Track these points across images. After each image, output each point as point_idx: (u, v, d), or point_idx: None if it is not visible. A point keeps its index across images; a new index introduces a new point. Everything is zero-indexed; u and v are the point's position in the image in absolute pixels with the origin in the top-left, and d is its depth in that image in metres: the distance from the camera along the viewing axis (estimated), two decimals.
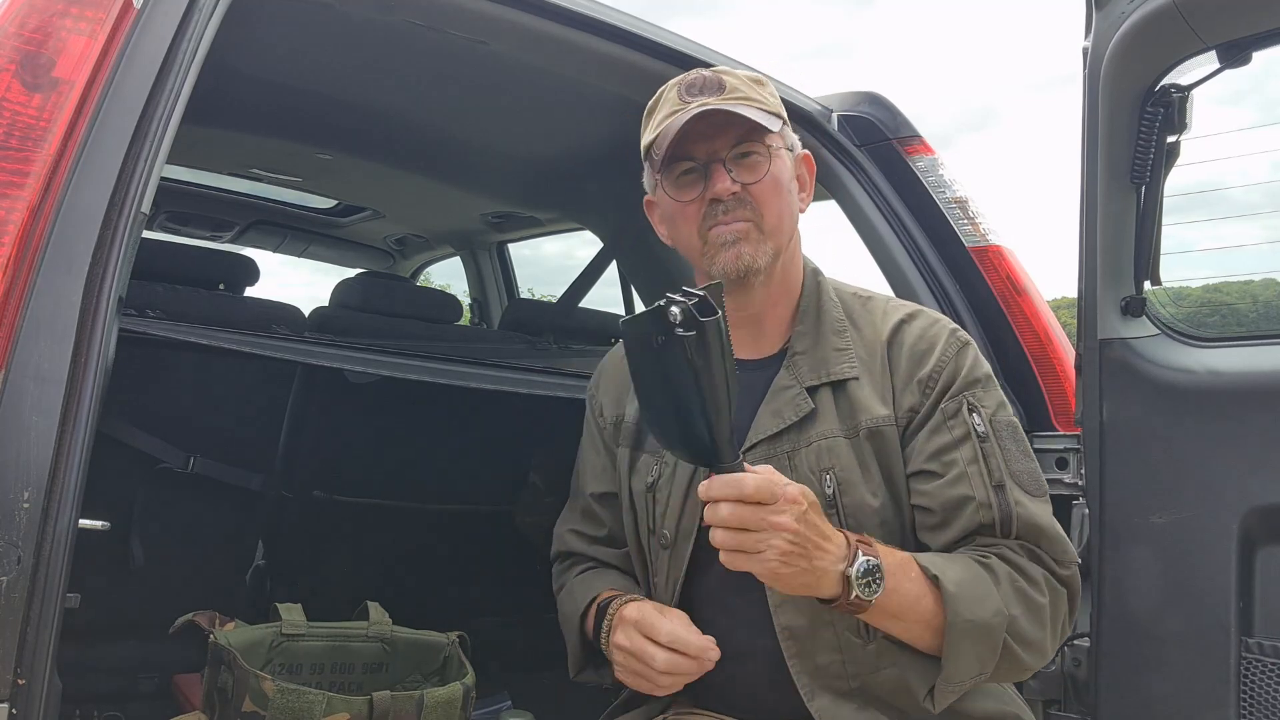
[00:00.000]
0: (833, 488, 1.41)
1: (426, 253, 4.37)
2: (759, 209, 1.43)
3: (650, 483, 1.52)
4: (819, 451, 1.43)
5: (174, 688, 1.97)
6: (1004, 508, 1.38)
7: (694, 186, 1.45)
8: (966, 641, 1.30)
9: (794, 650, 1.40)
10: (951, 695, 1.36)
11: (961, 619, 1.29)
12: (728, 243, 1.43)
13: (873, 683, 1.39)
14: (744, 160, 1.44)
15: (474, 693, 1.79)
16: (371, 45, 2.06)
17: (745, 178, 1.43)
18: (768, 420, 1.46)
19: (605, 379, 1.68)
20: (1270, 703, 1.60)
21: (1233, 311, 2.60)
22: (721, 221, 1.43)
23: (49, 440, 1.13)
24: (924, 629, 1.32)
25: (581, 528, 1.68)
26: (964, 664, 1.32)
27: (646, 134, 1.49)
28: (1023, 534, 1.39)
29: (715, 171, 1.43)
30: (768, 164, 1.44)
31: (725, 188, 1.42)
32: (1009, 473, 1.40)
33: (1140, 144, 1.71)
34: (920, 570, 1.32)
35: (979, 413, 1.43)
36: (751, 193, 1.43)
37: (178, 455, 2.21)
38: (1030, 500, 1.40)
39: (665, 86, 1.50)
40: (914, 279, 2.16)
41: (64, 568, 1.12)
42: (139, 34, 1.30)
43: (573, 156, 2.85)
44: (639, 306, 3.57)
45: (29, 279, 1.16)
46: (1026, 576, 1.37)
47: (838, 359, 1.47)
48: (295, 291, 18.60)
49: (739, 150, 1.44)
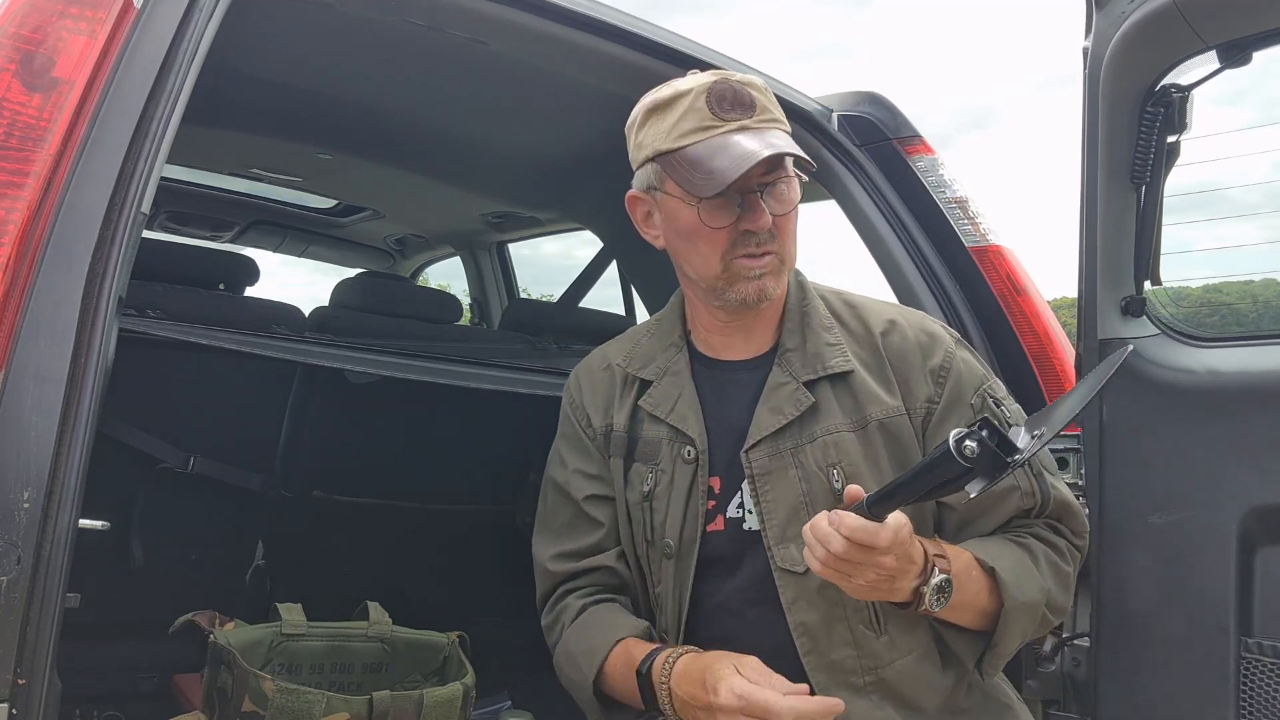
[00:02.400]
0: (841, 482, 1.40)
1: (426, 253, 4.37)
2: (783, 240, 1.43)
3: (646, 492, 1.49)
4: (825, 446, 1.43)
5: (174, 688, 1.97)
6: (1044, 492, 1.47)
7: (726, 211, 1.39)
8: (1017, 621, 1.39)
9: (808, 647, 1.40)
10: (1000, 664, 1.46)
11: (1016, 603, 1.38)
12: (753, 276, 1.41)
13: (887, 676, 1.40)
14: (773, 190, 1.40)
15: (474, 693, 1.79)
16: (371, 45, 2.06)
17: (776, 209, 1.41)
18: (767, 418, 1.45)
19: (587, 389, 1.61)
20: (1270, 703, 1.60)
21: (1233, 311, 2.60)
22: (752, 254, 1.41)
23: (49, 440, 1.13)
24: (976, 616, 1.40)
25: (564, 546, 1.57)
26: (1013, 639, 1.42)
27: (665, 138, 1.41)
28: (1053, 513, 1.49)
29: (755, 205, 1.38)
30: (792, 193, 1.43)
31: (766, 222, 1.39)
32: (1039, 458, 1.45)
33: (1140, 144, 1.71)
34: (979, 566, 1.38)
35: (1002, 404, 1.49)
36: (778, 224, 1.41)
37: (178, 455, 2.21)
38: (1056, 480, 1.50)
39: (679, 87, 1.42)
40: (914, 279, 2.16)
41: (64, 567, 1.12)
42: (139, 34, 1.30)
43: (573, 156, 2.85)
44: (639, 306, 3.57)
45: (29, 279, 1.16)
46: (1057, 550, 1.47)
47: (831, 353, 1.48)
48: (294, 291, 18.59)
49: (770, 178, 1.40)
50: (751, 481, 1.44)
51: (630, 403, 1.55)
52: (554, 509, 1.61)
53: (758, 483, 1.44)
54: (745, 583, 1.45)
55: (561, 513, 1.59)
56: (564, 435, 1.63)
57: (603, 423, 1.57)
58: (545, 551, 1.59)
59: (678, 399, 1.51)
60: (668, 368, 1.54)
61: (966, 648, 1.43)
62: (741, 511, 1.47)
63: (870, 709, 1.38)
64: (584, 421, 1.59)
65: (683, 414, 1.49)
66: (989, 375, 1.53)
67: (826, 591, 1.39)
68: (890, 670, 1.40)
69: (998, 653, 1.42)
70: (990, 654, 1.42)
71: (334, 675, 1.86)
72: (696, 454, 1.47)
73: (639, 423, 1.54)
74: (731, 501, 1.47)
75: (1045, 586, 1.42)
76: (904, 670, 1.41)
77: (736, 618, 1.45)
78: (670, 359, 1.55)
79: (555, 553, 1.57)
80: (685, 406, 1.50)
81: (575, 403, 1.62)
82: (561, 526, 1.59)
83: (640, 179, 1.50)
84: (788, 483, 1.43)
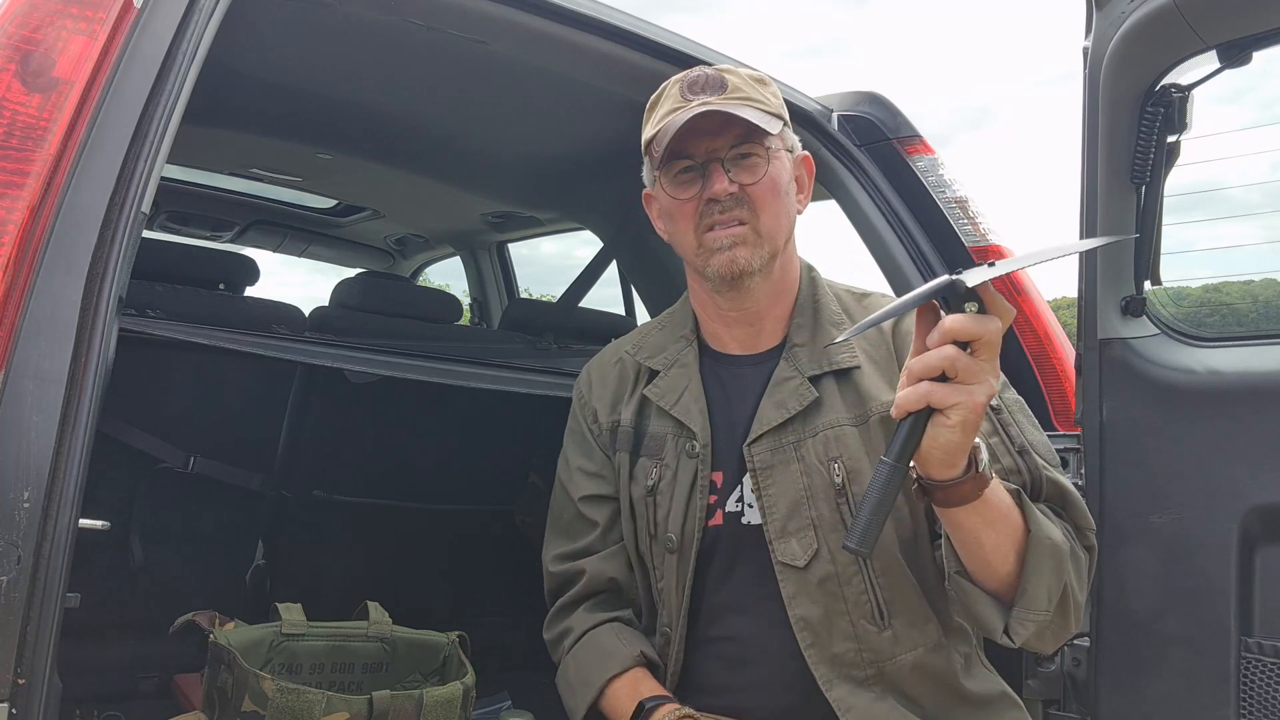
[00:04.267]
0: (841, 476, 1.41)
1: (426, 253, 4.37)
2: (756, 211, 1.44)
3: (650, 486, 1.51)
4: (826, 441, 1.44)
5: (174, 688, 1.97)
6: (1032, 470, 1.40)
7: (692, 185, 1.45)
8: (1046, 560, 1.29)
9: (809, 640, 1.40)
10: (1028, 624, 1.31)
11: (1043, 534, 1.29)
12: (723, 247, 1.43)
13: (890, 670, 1.40)
14: (743, 161, 1.44)
15: (474, 692, 1.79)
16: (371, 45, 2.06)
17: (743, 179, 1.43)
18: (771, 412, 1.46)
19: (597, 383, 1.64)
20: (1270, 703, 1.60)
21: (1233, 311, 2.60)
22: (718, 222, 1.43)
23: (49, 440, 1.13)
24: (1010, 543, 1.29)
25: (563, 547, 1.60)
26: (1042, 584, 1.30)
27: (647, 129, 1.49)
28: (1051, 496, 1.41)
29: (713, 171, 1.43)
30: (766, 166, 1.44)
31: (722, 188, 1.42)
32: (1027, 441, 1.42)
33: (1140, 144, 1.71)
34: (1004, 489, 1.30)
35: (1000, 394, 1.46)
36: (749, 194, 1.43)
37: (178, 455, 2.21)
38: (1052, 470, 1.44)
39: (668, 82, 1.50)
40: (914, 279, 2.16)
41: (64, 567, 1.12)
42: (139, 34, 1.30)
43: (573, 156, 2.85)
44: (639, 306, 3.57)
45: (29, 279, 1.16)
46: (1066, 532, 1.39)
47: (838, 349, 1.48)
48: (293, 291, 18.58)
49: (738, 151, 1.43)
50: (753, 475, 1.45)
51: (638, 393, 1.56)
52: (558, 507, 1.64)
53: (759, 476, 1.44)
54: (746, 577, 1.46)
55: (564, 512, 1.62)
56: (570, 431, 1.66)
57: (609, 419, 1.59)
58: (548, 552, 1.62)
59: (683, 391, 1.52)
60: (676, 359, 1.56)
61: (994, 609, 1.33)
62: (741, 506, 1.47)
63: (872, 701, 1.38)
64: (590, 418, 1.62)
65: (687, 408, 1.50)
66: None
67: (827, 586, 1.40)
68: (892, 665, 1.40)
69: (1027, 602, 1.29)
70: (1019, 606, 1.30)
71: (334, 675, 1.86)
72: (700, 449, 1.47)
73: (645, 417, 1.55)
74: (731, 496, 1.48)
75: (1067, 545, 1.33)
76: (907, 665, 1.41)
77: (738, 613, 1.46)
78: (679, 350, 1.57)
79: (555, 553, 1.61)
80: (690, 400, 1.51)
81: (584, 399, 1.65)
82: (563, 525, 1.62)
83: (644, 175, 1.56)
84: (789, 477, 1.44)
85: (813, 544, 1.41)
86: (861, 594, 1.40)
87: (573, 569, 1.57)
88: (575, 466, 1.61)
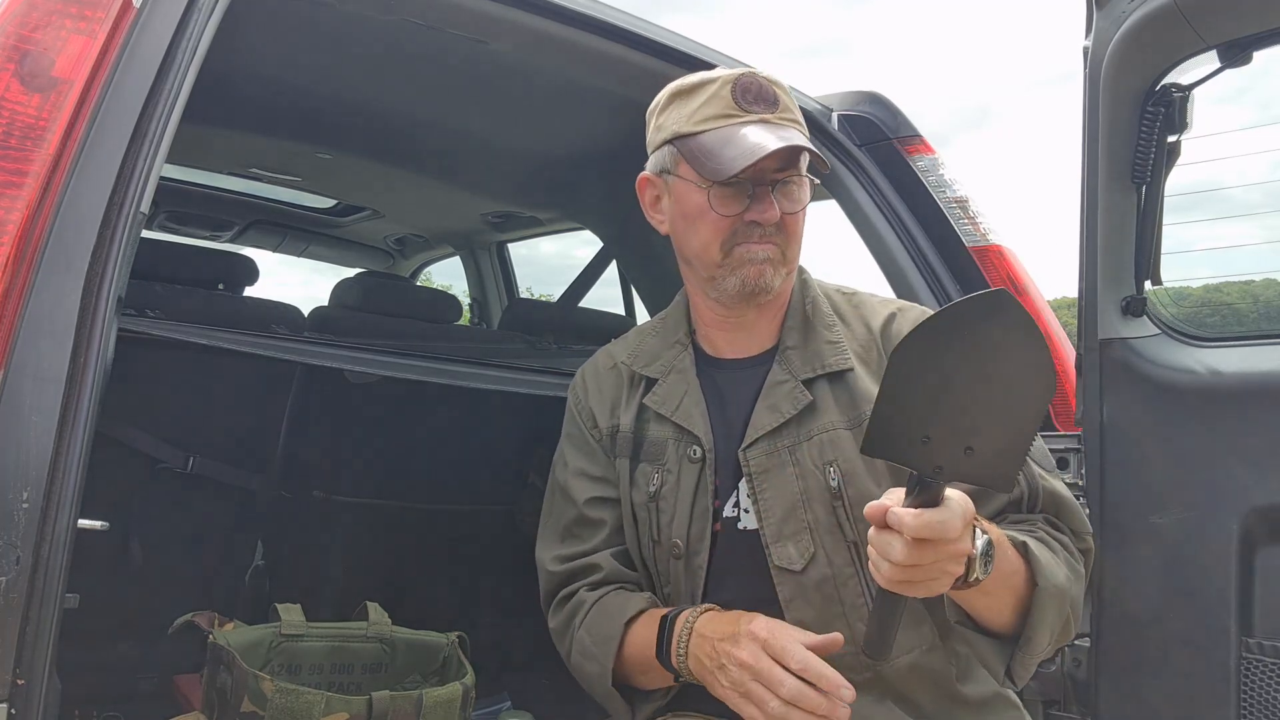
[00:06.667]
0: (837, 480, 1.41)
1: (426, 253, 4.37)
2: (789, 239, 1.44)
3: (652, 492, 1.49)
4: (821, 444, 1.43)
5: (174, 688, 1.96)
6: (1030, 482, 1.41)
7: (735, 200, 1.41)
8: (1050, 606, 1.31)
9: None
10: (1031, 666, 1.35)
11: (1050, 584, 1.30)
12: (756, 260, 1.42)
13: (887, 672, 1.40)
14: (785, 188, 1.42)
15: (474, 693, 1.79)
16: (371, 45, 2.06)
17: (785, 207, 1.42)
18: (765, 416, 1.45)
19: (593, 389, 1.61)
20: (1270, 703, 1.60)
21: (1233, 311, 2.60)
22: (754, 242, 1.42)
23: (48, 440, 1.13)
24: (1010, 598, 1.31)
25: (566, 549, 1.56)
26: (1045, 630, 1.32)
27: (685, 121, 1.43)
28: (1046, 506, 1.42)
29: (764, 197, 1.40)
30: (803, 194, 1.44)
31: (774, 216, 1.40)
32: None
33: (1141, 143, 1.71)
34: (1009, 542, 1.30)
35: None
36: (785, 223, 1.42)
37: (177, 455, 2.21)
38: (1050, 477, 1.44)
39: (709, 77, 1.45)
40: (914, 279, 2.16)
41: (63, 568, 1.12)
42: (138, 34, 1.30)
43: (573, 156, 2.85)
44: (639, 306, 3.57)
45: (28, 278, 1.15)
46: (1065, 548, 1.40)
47: (830, 351, 1.48)
48: (293, 291, 18.58)
49: (784, 175, 1.42)
50: (749, 480, 1.44)
51: (636, 401, 1.55)
52: (557, 510, 1.60)
53: (755, 481, 1.44)
54: (743, 582, 1.45)
55: (564, 515, 1.59)
56: (568, 435, 1.63)
57: (609, 423, 1.57)
58: (547, 554, 1.59)
59: (683, 397, 1.51)
60: (673, 365, 1.55)
61: (995, 655, 1.38)
62: (737, 510, 1.47)
63: (870, 704, 1.38)
64: (589, 422, 1.59)
65: (688, 412, 1.49)
66: None
67: (824, 589, 1.40)
68: (889, 667, 1.40)
69: (1031, 649, 1.33)
70: (1022, 652, 1.34)
71: (333, 675, 1.86)
72: (703, 453, 1.47)
73: (645, 422, 1.53)
74: (728, 500, 1.47)
75: (1070, 576, 1.36)
76: (904, 666, 1.40)
77: None
78: (675, 356, 1.56)
79: (556, 554, 1.57)
80: (691, 405, 1.50)
81: (580, 403, 1.62)
82: (563, 529, 1.58)
83: (654, 162, 1.51)
84: (785, 481, 1.43)
85: (809, 548, 1.41)
86: (858, 597, 1.40)
87: (586, 563, 1.54)
88: (577, 470, 1.58)
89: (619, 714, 1.48)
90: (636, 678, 1.46)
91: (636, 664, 1.44)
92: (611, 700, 1.47)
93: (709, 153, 1.39)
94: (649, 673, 1.43)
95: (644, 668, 1.43)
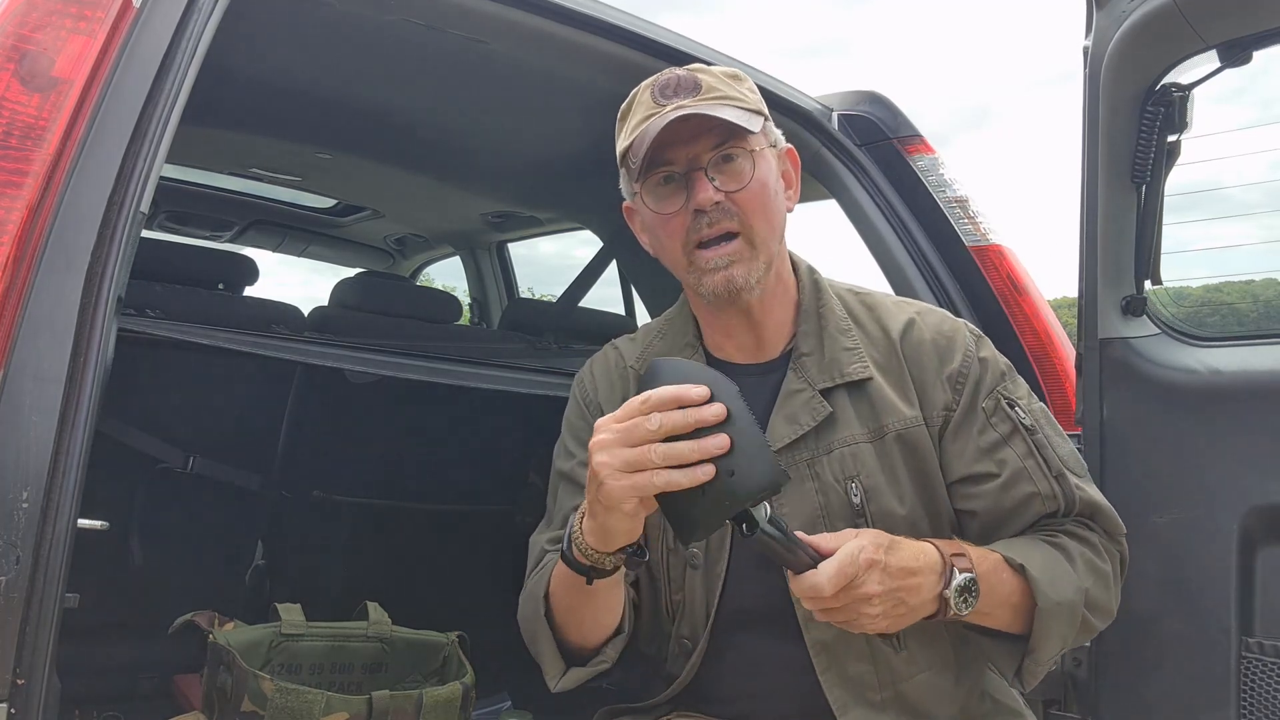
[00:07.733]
0: (859, 495, 1.36)
1: (426, 253, 4.37)
2: (746, 219, 1.35)
3: None
4: (843, 458, 1.37)
5: (174, 688, 1.97)
6: (1068, 495, 1.38)
7: (675, 196, 1.36)
8: (1054, 622, 1.31)
9: (825, 664, 1.36)
10: (1040, 673, 1.36)
11: (1051, 602, 1.30)
12: (718, 267, 1.35)
13: (905, 691, 1.37)
14: (727, 165, 1.35)
15: (474, 692, 1.79)
16: (371, 45, 2.06)
17: (729, 185, 1.34)
18: (783, 427, 1.39)
19: (603, 385, 1.55)
20: (1270, 703, 1.60)
21: (1233, 311, 2.60)
22: (707, 238, 1.35)
23: (48, 440, 1.13)
24: (1012, 616, 1.33)
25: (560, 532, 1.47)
26: (1051, 643, 1.33)
27: (621, 139, 1.40)
28: (1082, 513, 1.40)
29: (697, 180, 1.34)
30: (751, 168, 1.36)
31: (707, 197, 1.33)
32: (1060, 459, 1.39)
33: (1141, 143, 1.71)
34: (1007, 566, 1.30)
35: (1018, 405, 1.41)
36: (737, 201, 1.34)
37: (177, 455, 2.22)
38: (1085, 483, 1.41)
39: (638, 88, 1.41)
40: (914, 278, 2.16)
41: (63, 567, 1.12)
42: (138, 34, 1.30)
43: (572, 156, 2.85)
44: (639, 306, 3.58)
45: (28, 278, 1.15)
46: (1092, 548, 1.39)
47: (849, 359, 1.41)
48: (293, 291, 18.57)
49: (721, 154, 1.35)
50: None
51: None
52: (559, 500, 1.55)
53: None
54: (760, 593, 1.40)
55: (565, 504, 1.53)
56: (573, 425, 1.56)
57: None
58: (541, 537, 1.53)
59: None
60: None
61: (1005, 657, 1.37)
62: None
63: None
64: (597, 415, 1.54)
65: None
66: (1008, 374, 1.45)
67: None
68: (909, 685, 1.37)
69: (1037, 659, 1.33)
70: (1029, 660, 1.33)
71: (333, 675, 1.86)
72: None
73: None
74: None
75: (1082, 585, 1.34)
76: (923, 684, 1.38)
77: (755, 632, 1.41)
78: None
79: (550, 536, 1.51)
80: None
81: (589, 397, 1.55)
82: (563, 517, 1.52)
83: (623, 187, 1.48)
84: (804, 495, 1.37)
85: None
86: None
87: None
88: (581, 460, 1.50)
89: (550, 664, 1.43)
90: (568, 615, 1.40)
91: (562, 584, 1.37)
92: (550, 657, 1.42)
93: (631, 156, 1.35)
94: (571, 591, 1.35)
95: (567, 584, 1.35)
